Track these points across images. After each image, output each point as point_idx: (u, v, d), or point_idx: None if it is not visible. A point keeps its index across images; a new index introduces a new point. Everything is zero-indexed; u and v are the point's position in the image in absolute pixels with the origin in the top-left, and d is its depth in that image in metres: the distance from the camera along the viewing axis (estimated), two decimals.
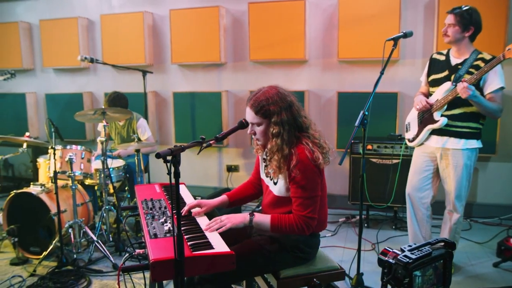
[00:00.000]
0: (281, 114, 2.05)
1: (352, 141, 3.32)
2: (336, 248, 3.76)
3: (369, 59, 4.44)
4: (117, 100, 4.35)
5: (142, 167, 4.09)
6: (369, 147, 4.14)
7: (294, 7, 4.55)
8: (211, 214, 2.33)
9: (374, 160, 4.16)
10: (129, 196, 4.18)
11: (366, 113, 2.70)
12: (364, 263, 3.36)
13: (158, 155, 1.65)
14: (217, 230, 2.01)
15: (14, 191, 3.65)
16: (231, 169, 5.21)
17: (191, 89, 5.20)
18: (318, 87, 4.77)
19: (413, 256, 1.75)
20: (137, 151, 3.93)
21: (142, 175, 4.03)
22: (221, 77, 5.11)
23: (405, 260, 1.73)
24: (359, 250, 2.86)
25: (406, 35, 2.79)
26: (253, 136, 2.21)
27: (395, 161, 4.07)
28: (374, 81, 2.72)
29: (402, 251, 1.81)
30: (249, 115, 2.13)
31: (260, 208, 2.50)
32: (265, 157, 2.27)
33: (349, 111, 4.57)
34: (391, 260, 1.80)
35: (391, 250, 1.87)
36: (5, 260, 3.64)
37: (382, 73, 2.75)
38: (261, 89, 2.13)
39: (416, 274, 1.74)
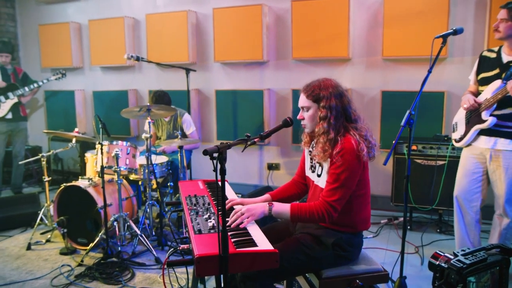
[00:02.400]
0: (330, 99, 2.11)
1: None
2: (378, 250, 3.69)
3: (415, 57, 4.32)
4: (160, 99, 4.46)
5: (185, 164, 4.16)
6: (414, 147, 4.03)
7: (338, 4, 4.49)
8: None
9: (418, 161, 4.04)
10: (171, 191, 4.26)
11: (413, 112, 2.61)
12: (407, 266, 3.27)
13: (205, 152, 1.67)
14: (239, 225, 2.03)
15: (64, 184, 3.80)
16: (271, 167, 5.21)
17: (233, 87, 5.24)
18: (362, 86, 4.69)
19: (467, 261, 1.68)
20: (180, 147, 4.00)
21: (184, 171, 4.09)
22: (263, 75, 5.12)
23: (458, 265, 1.67)
24: (402, 253, 2.78)
25: (456, 32, 2.67)
26: (301, 122, 2.24)
27: (440, 162, 3.94)
28: (420, 79, 2.63)
29: (455, 255, 1.75)
30: (301, 100, 2.21)
31: None
32: (311, 149, 2.27)
33: (393, 110, 4.46)
34: (443, 264, 1.74)
35: (442, 254, 1.81)
36: (55, 249, 3.81)
37: (430, 71, 2.65)
38: (317, 79, 2.22)
39: (471, 280, 1.68)
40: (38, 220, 4.05)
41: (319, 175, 2.20)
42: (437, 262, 1.79)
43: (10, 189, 5.57)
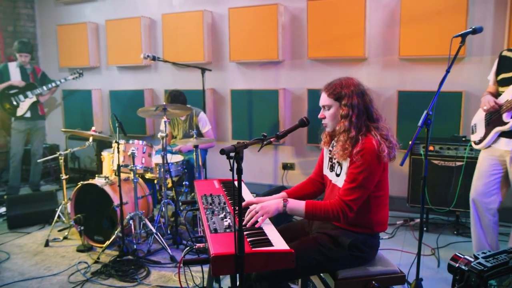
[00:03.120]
0: (352, 97, 2.09)
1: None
2: (394, 251, 3.66)
3: (432, 56, 4.27)
4: (175, 98, 4.50)
5: (200, 163, 4.17)
6: (431, 148, 3.98)
7: (354, 3, 4.46)
8: None
9: (435, 162, 4.00)
10: (186, 190, 4.28)
11: (430, 112, 2.58)
12: (423, 268, 3.24)
13: (222, 151, 1.68)
14: (255, 224, 2.02)
15: (81, 182, 3.85)
16: (286, 167, 5.21)
17: (249, 87, 5.24)
18: (378, 86, 4.65)
19: (488, 264, 1.65)
20: (196, 146, 4.02)
21: (200, 170, 4.11)
22: (278, 75, 5.11)
23: (479, 268, 1.64)
24: (419, 255, 2.75)
25: (475, 31, 2.63)
26: (322, 121, 2.23)
27: (458, 163, 3.89)
28: (437, 79, 2.59)
29: (476, 258, 1.72)
30: (322, 98, 2.20)
31: None
32: (330, 149, 2.26)
33: (409, 110, 4.42)
34: (463, 267, 1.71)
35: (462, 256, 1.78)
36: (72, 246, 3.86)
37: (448, 71, 2.61)
38: (339, 78, 2.21)
39: (492, 283, 1.65)
40: (55, 218, 4.12)
41: (338, 175, 2.19)
42: (457, 265, 1.77)
43: (29, 187, 5.66)
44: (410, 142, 3.99)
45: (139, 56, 4.57)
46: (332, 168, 2.27)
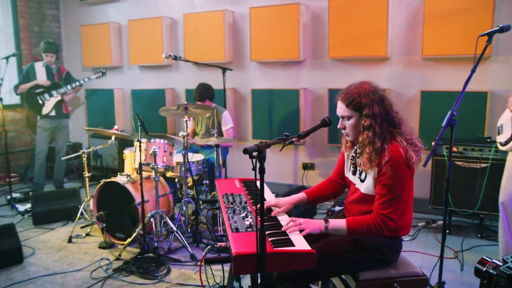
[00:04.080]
0: (373, 106, 2.02)
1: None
2: (415, 253, 3.61)
3: (456, 56, 4.19)
4: (206, 91, 4.56)
5: (221, 162, 4.19)
6: (454, 149, 3.91)
7: (377, 2, 4.41)
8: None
9: (459, 163, 3.92)
10: (207, 189, 4.31)
11: (455, 113, 2.53)
12: (446, 271, 3.17)
13: (245, 151, 1.68)
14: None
15: (103, 180, 3.91)
16: (306, 167, 5.18)
17: (269, 86, 5.24)
18: (400, 86, 4.59)
19: None
20: (217, 146, 4.04)
21: (220, 169, 4.13)
22: (299, 75, 5.10)
23: (509, 272, 1.60)
24: (441, 257, 2.70)
25: (502, 30, 2.56)
26: (342, 131, 2.19)
27: (483, 165, 3.81)
28: (461, 79, 2.54)
29: (505, 262, 1.67)
30: (340, 109, 2.13)
31: (340, 208, 2.47)
32: (353, 154, 2.23)
33: (432, 111, 4.35)
34: (491, 271, 1.67)
35: (490, 260, 1.74)
36: (94, 243, 3.93)
37: (473, 71, 2.55)
38: (353, 84, 2.12)
39: None
40: (78, 215, 4.19)
41: (362, 180, 2.15)
42: (484, 268, 1.72)
43: (52, 184, 5.78)
44: (433, 143, 3.95)
45: (161, 55, 4.62)
46: (355, 173, 2.24)
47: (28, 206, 4.87)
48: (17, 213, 4.83)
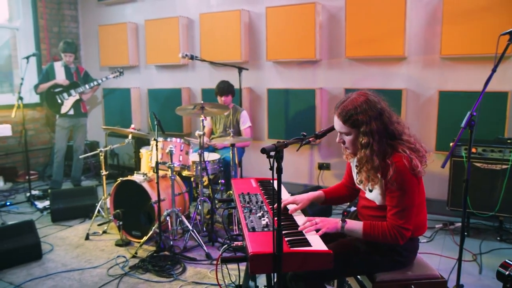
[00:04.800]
0: (370, 123, 1.94)
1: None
2: (432, 255, 3.56)
3: (476, 55, 4.12)
4: (227, 88, 4.63)
5: (237, 161, 4.20)
6: (473, 150, 3.84)
7: (394, 1, 4.36)
8: (303, 210, 2.32)
9: (478, 164, 3.86)
10: (222, 188, 4.32)
11: (474, 113, 2.49)
12: (464, 274, 3.12)
13: (263, 150, 1.68)
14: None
15: (120, 178, 3.95)
16: (322, 167, 5.16)
17: (285, 86, 5.23)
18: (417, 86, 4.54)
19: None
20: (232, 145, 4.05)
21: (236, 169, 4.14)
22: (315, 74, 5.07)
23: None
24: (459, 260, 2.67)
25: None
26: (342, 145, 2.14)
27: (503, 166, 3.74)
28: (481, 79, 2.50)
29: None
30: (337, 124, 2.06)
31: (355, 209, 2.45)
32: (357, 164, 2.19)
33: (450, 111, 4.28)
34: None
35: None
36: (111, 240, 3.97)
37: (494, 70, 2.51)
38: (349, 96, 2.04)
39: None
40: (95, 212, 4.24)
41: (370, 190, 2.11)
42: (507, 272, 1.70)
43: (70, 182, 5.86)
44: (451, 144, 3.91)
45: (177, 55, 4.65)
46: (361, 181, 2.19)
47: (46, 203, 4.96)
48: (36, 210, 4.92)
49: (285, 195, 2.50)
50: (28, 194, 5.28)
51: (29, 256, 3.56)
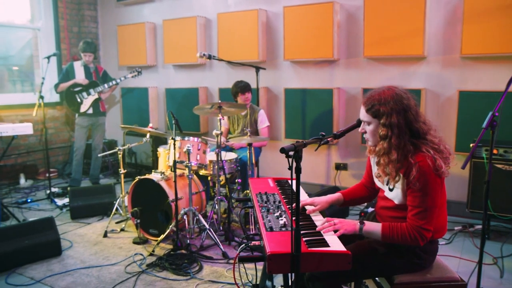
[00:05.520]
0: (391, 116, 1.93)
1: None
2: (451, 258, 3.51)
3: (497, 54, 4.04)
4: (248, 86, 4.62)
5: (254, 161, 4.20)
6: (495, 151, 3.77)
7: (414, 0, 4.31)
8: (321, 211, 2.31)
9: (499, 166, 3.79)
10: (239, 188, 4.33)
11: (497, 114, 2.44)
12: (484, 277, 3.07)
13: (282, 150, 1.67)
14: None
15: (138, 177, 3.99)
16: (339, 167, 5.13)
17: (303, 86, 5.22)
18: (437, 86, 4.48)
19: None
20: (249, 144, 4.05)
21: (253, 168, 4.14)
22: (333, 74, 5.05)
23: None
24: (480, 263, 2.63)
25: None
26: (364, 136, 2.14)
27: None
28: (502, 78, 2.47)
29: None
30: (361, 112, 2.08)
31: (373, 210, 2.43)
32: (377, 160, 2.18)
33: (470, 111, 4.21)
34: None
35: None
36: (129, 238, 4.01)
37: None
38: (380, 88, 2.04)
39: None
40: (113, 210, 4.29)
41: (391, 189, 2.09)
42: None
43: (89, 180, 5.94)
44: (471, 145, 3.85)
45: (195, 54, 4.68)
46: (382, 180, 2.17)
47: (66, 200, 5.03)
48: (55, 207, 5.00)
49: (303, 196, 2.49)
50: (48, 192, 5.37)
51: (49, 252, 3.63)
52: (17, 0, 6.29)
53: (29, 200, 5.22)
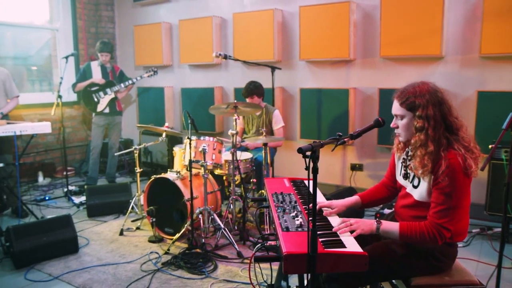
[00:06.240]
0: (427, 108, 1.94)
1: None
2: (469, 261, 3.46)
3: None
4: (256, 89, 4.60)
5: (269, 161, 4.20)
6: None
7: None
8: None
9: None
10: (254, 188, 4.33)
11: None
12: (503, 281, 3.02)
13: (299, 150, 1.67)
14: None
15: (154, 176, 4.02)
16: (355, 168, 5.09)
17: (318, 86, 5.19)
18: (455, 86, 4.41)
19: None
20: (265, 144, 4.05)
21: (268, 168, 4.14)
22: (349, 74, 5.01)
23: None
24: (499, 267, 2.58)
25: None
26: (395, 131, 2.13)
27: None
28: None
29: None
30: (394, 107, 2.07)
31: (390, 211, 2.41)
32: (405, 157, 2.16)
33: (489, 112, 4.14)
34: None
35: None
36: (144, 237, 4.04)
37: None
38: (413, 83, 2.04)
39: None
40: (129, 209, 4.33)
41: (415, 186, 2.07)
42: None
43: (105, 178, 6.00)
44: (490, 146, 3.78)
45: (210, 54, 4.69)
46: (406, 176, 2.16)
47: (83, 198, 5.10)
48: (73, 205, 5.07)
49: (319, 197, 2.48)
50: (65, 190, 5.45)
51: (67, 249, 3.68)
52: (37, 1, 6.40)
53: (47, 198, 5.31)
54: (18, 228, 3.52)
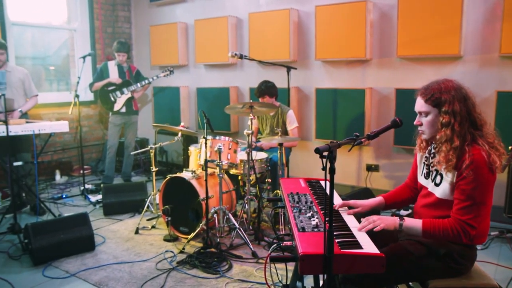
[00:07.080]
0: (453, 103, 1.94)
1: None
2: (487, 264, 3.40)
3: None
4: (267, 89, 4.59)
5: (284, 161, 4.19)
6: None
7: None
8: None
9: None
10: (269, 188, 4.32)
11: None
12: None
13: (317, 150, 1.66)
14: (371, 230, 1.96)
15: (170, 175, 4.04)
16: (370, 168, 5.04)
17: (334, 86, 5.16)
18: (473, 86, 4.32)
19: None
20: (280, 145, 4.04)
21: (283, 168, 4.13)
22: (365, 74, 4.97)
23: None
24: None
25: None
26: (418, 128, 2.12)
27: None
28: None
29: None
30: (418, 104, 2.06)
31: (407, 212, 2.38)
32: (427, 155, 2.14)
33: (509, 112, 4.06)
34: None
35: None
36: (159, 235, 4.07)
37: None
38: (436, 80, 2.05)
39: None
40: (145, 207, 4.36)
41: (437, 184, 2.05)
42: None
43: (121, 177, 6.06)
44: (510, 147, 3.71)
45: (226, 54, 4.69)
46: (427, 175, 2.14)
47: (99, 197, 5.16)
48: (89, 203, 5.12)
49: (336, 198, 2.46)
50: (82, 188, 5.51)
51: (83, 247, 3.72)
52: (55, 2, 6.49)
53: (64, 196, 5.38)
54: (36, 226, 3.57)
